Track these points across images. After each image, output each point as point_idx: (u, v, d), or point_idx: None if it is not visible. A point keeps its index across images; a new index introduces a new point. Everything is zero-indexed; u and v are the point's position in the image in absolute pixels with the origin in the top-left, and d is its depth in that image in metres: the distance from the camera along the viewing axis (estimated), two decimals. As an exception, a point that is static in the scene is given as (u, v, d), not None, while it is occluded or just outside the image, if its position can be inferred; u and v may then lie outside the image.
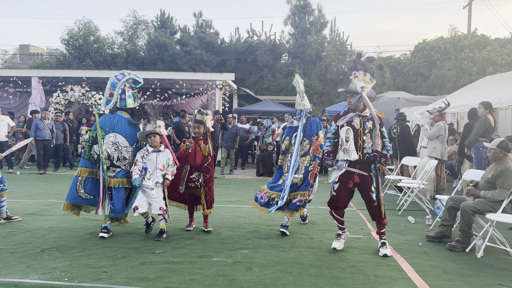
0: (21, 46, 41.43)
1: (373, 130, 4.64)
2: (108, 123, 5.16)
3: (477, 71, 22.07)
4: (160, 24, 27.65)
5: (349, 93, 4.71)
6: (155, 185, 5.02)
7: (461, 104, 11.24)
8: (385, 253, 4.61)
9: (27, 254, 4.45)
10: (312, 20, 27.50)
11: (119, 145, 5.10)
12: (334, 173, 4.74)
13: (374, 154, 4.62)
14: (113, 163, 5.10)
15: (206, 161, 5.47)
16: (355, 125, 4.65)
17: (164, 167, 5.11)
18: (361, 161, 4.62)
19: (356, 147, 4.61)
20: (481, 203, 4.87)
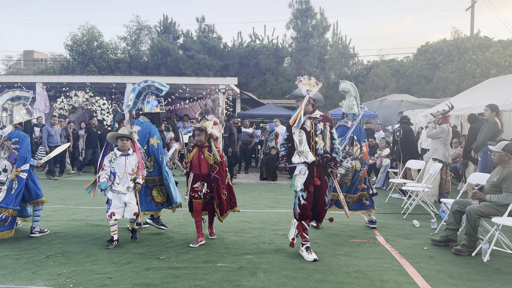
0: (25, 52, 41.68)
1: (324, 131, 4.76)
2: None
3: (480, 73, 22.00)
4: (163, 29, 27.76)
5: (296, 98, 4.86)
6: (127, 190, 5.02)
7: (465, 106, 11.20)
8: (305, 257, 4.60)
9: (32, 260, 4.46)
10: (314, 23, 27.53)
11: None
12: (297, 179, 4.62)
13: (326, 155, 4.72)
14: None
15: (213, 170, 5.13)
16: (306, 127, 4.73)
17: (133, 171, 5.11)
18: (318, 163, 4.68)
19: (310, 148, 4.67)
20: (486, 207, 4.85)
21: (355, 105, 6.05)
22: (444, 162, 8.18)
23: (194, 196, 5.17)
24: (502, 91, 11.00)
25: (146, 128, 5.53)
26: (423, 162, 8.28)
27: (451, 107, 8.55)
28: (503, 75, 18.34)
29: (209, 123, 5.16)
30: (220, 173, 5.19)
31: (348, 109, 6.07)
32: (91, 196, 5.38)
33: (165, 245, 5.11)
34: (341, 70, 26.83)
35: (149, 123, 5.61)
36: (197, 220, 5.20)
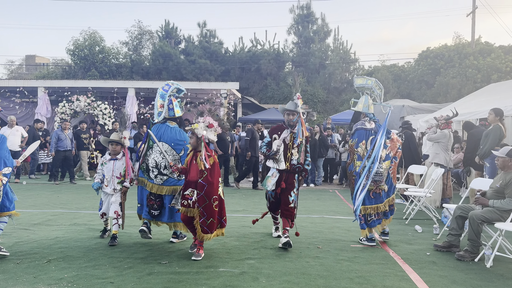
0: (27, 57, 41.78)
1: (300, 145, 5.41)
2: (156, 133, 5.29)
3: (481, 79, 22.01)
4: (165, 34, 27.84)
5: (291, 111, 5.41)
6: (113, 191, 5.38)
7: (466, 112, 11.19)
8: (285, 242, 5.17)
9: (33, 264, 4.45)
10: (315, 29, 27.60)
11: (166, 154, 5.16)
12: (269, 180, 5.38)
13: (299, 166, 5.42)
14: (161, 172, 5.21)
15: (201, 176, 4.66)
16: (286, 140, 5.40)
17: (120, 174, 5.39)
18: (288, 170, 5.38)
19: (285, 158, 5.36)
20: (489, 212, 4.83)
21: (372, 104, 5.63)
22: (445, 167, 8.17)
23: (184, 204, 4.70)
24: (504, 96, 10.99)
25: (181, 134, 5.35)
26: (425, 167, 8.27)
27: (455, 114, 8.54)
28: (505, 80, 18.34)
29: (197, 125, 4.76)
30: (208, 179, 4.63)
31: (368, 108, 5.59)
32: (93, 200, 5.41)
33: (166, 249, 5.10)
34: (342, 76, 26.86)
35: (179, 128, 5.46)
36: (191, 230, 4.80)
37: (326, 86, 26.05)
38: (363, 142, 5.47)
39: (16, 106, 16.45)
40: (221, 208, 4.83)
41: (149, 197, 5.24)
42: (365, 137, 5.49)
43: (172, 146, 5.24)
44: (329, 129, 12.91)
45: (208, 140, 4.81)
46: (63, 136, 11.70)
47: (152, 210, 5.22)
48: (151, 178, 5.23)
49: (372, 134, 5.50)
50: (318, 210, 7.92)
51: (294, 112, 5.40)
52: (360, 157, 5.46)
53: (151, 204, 5.23)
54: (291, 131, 5.40)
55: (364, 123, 5.61)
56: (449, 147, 8.48)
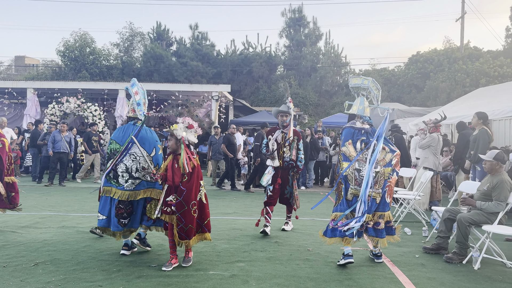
0: (16, 58, 41.33)
1: (292, 143, 6.11)
2: (122, 135, 4.95)
3: (470, 83, 22.30)
4: (156, 36, 27.75)
5: (284, 113, 6.16)
6: None
7: (455, 115, 11.33)
8: (285, 228, 6.37)
9: (20, 268, 4.39)
10: (307, 32, 27.74)
11: (137, 155, 4.82)
12: (265, 177, 6.13)
13: (291, 162, 6.15)
14: (132, 175, 4.81)
15: (181, 181, 4.44)
16: (278, 139, 6.17)
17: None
18: (281, 167, 6.16)
19: (278, 156, 6.12)
20: (477, 215, 4.88)
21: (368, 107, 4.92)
22: (434, 170, 8.25)
23: (166, 211, 4.44)
24: (492, 101, 11.15)
25: (152, 133, 5.08)
26: (414, 170, 8.34)
27: (444, 117, 8.64)
28: (493, 84, 18.60)
29: (176, 126, 4.52)
30: (187, 184, 4.41)
31: (363, 111, 4.86)
32: (82, 203, 5.34)
33: (156, 252, 5.07)
34: (333, 79, 27.00)
35: (149, 128, 5.17)
36: (170, 239, 4.54)
37: (318, 89, 26.17)
38: (349, 142, 4.73)
39: (5, 108, 16.27)
40: (202, 212, 4.58)
41: (117, 206, 4.76)
42: (352, 136, 4.75)
43: (144, 147, 4.86)
44: (320, 132, 12.96)
45: (188, 141, 4.56)
46: (59, 137, 11.60)
47: (122, 219, 4.77)
48: (121, 184, 4.78)
49: (362, 135, 4.74)
50: (309, 213, 7.93)
51: (287, 114, 6.14)
52: (346, 157, 4.69)
53: (120, 213, 4.76)
54: (282, 131, 6.17)
55: (354, 122, 4.89)
56: (438, 151, 8.56)
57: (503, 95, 11.61)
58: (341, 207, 4.63)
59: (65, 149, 11.65)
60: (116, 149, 4.91)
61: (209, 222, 4.68)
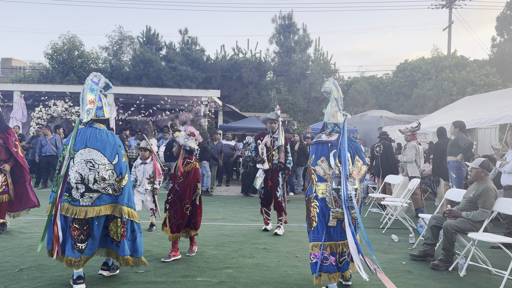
0: (3, 60, 40.76)
1: (280, 147, 6.52)
2: (77, 138, 4.02)
3: (457, 91, 22.65)
4: (146, 40, 27.66)
5: (272, 120, 6.57)
6: (145, 191, 6.39)
7: (442, 123, 11.46)
8: (277, 232, 6.57)
9: (4, 273, 4.31)
10: (297, 39, 27.92)
11: (95, 163, 3.93)
12: (258, 180, 6.54)
13: (279, 164, 6.55)
14: (89, 187, 3.90)
15: (176, 182, 4.95)
16: (267, 143, 6.59)
17: (150, 176, 6.41)
18: (271, 169, 6.55)
19: (267, 159, 6.54)
20: (463, 222, 4.95)
21: (337, 112, 4.20)
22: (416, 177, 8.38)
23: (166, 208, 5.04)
24: (478, 109, 11.34)
25: (114, 138, 4.18)
26: (401, 177, 8.42)
27: (419, 125, 8.84)
28: (479, 93, 18.92)
29: (178, 134, 5.06)
30: (181, 184, 4.87)
31: (329, 117, 4.24)
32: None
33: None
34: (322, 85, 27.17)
35: (110, 131, 4.24)
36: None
37: (307, 96, 26.31)
38: (322, 159, 4.06)
39: (-10, 110, 16.02)
40: (194, 213, 5.08)
41: (72, 226, 3.87)
42: (323, 152, 4.10)
43: (104, 153, 3.99)
44: (309, 138, 13.02)
45: (189, 147, 5.09)
46: (44, 141, 11.65)
47: (79, 243, 3.87)
48: (76, 199, 3.88)
49: (333, 148, 4.06)
50: (297, 219, 7.94)
51: (275, 121, 6.59)
52: (321, 178, 4.00)
53: (76, 235, 3.86)
54: (271, 136, 6.61)
55: (320, 136, 4.29)
56: (418, 158, 8.72)
57: (489, 104, 11.82)
58: (317, 236, 3.92)
59: (52, 152, 11.63)
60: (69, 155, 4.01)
61: (198, 222, 5.18)
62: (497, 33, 28.02)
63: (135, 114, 16.55)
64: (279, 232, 6.56)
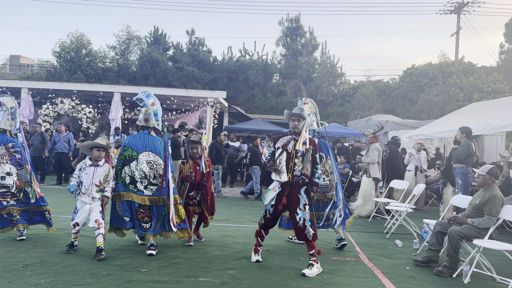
0: (11, 57, 41.09)
1: (305, 154, 4.83)
2: (139, 143, 5.21)
3: (464, 98, 22.54)
4: (153, 40, 27.79)
5: (296, 116, 4.90)
6: (92, 200, 4.97)
7: (449, 129, 11.42)
8: (305, 273, 4.60)
9: (9, 269, 4.34)
10: (303, 42, 27.95)
11: (154, 163, 5.16)
12: (269, 194, 4.94)
13: (302, 177, 4.80)
14: (151, 182, 5.15)
15: (203, 178, 5.82)
16: (289, 148, 4.87)
17: (100, 182, 5.01)
18: (290, 183, 4.82)
19: (287, 169, 4.82)
20: (468, 229, 4.91)
21: (314, 121, 5.98)
22: (377, 178, 8.83)
23: (190, 203, 5.79)
24: (485, 116, 11.26)
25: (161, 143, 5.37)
26: (406, 182, 8.39)
27: (381, 128, 9.17)
28: (486, 100, 18.82)
29: (206, 137, 5.57)
30: (208, 181, 5.87)
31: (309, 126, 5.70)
32: (73, 205, 5.29)
33: (146, 257, 5.03)
34: (328, 89, 27.16)
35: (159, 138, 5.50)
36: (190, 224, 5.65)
37: (313, 99, 26.25)
38: None
39: (-2, 106, 16.14)
40: (213, 201, 6.12)
41: (138, 210, 5.08)
42: None
43: (160, 155, 5.23)
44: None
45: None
46: (58, 138, 11.85)
47: (144, 224, 5.09)
48: (140, 189, 5.11)
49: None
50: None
51: (300, 118, 4.92)
52: None
53: (141, 217, 5.08)
54: (295, 138, 4.90)
55: None
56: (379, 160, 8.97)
57: (496, 111, 11.73)
58: None
59: (64, 149, 11.82)
60: (132, 156, 5.15)
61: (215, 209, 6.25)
62: (505, 39, 27.88)
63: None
64: (307, 273, 4.61)
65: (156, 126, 5.35)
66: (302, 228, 4.72)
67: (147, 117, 5.31)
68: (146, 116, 5.31)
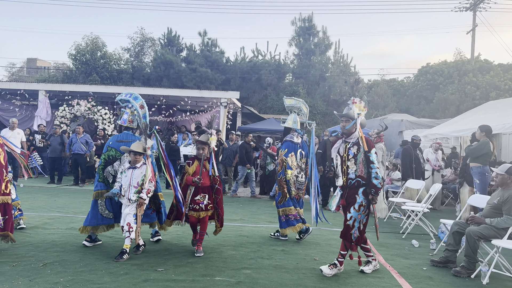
0: (28, 60, 41.88)
1: (357, 155, 4.67)
2: (120, 143, 5.34)
3: (480, 96, 22.19)
4: (167, 41, 27.96)
5: (345, 117, 4.79)
6: (128, 202, 5.00)
7: (465, 128, 11.26)
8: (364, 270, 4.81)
9: (29, 267, 4.43)
10: (316, 41, 27.81)
11: None
12: (334, 200, 4.90)
13: (358, 179, 4.65)
14: None
15: (215, 182, 5.36)
16: (340, 152, 4.81)
17: (138, 184, 5.01)
18: (346, 186, 4.74)
19: (341, 172, 4.78)
20: (486, 229, 4.84)
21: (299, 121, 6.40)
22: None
23: (195, 208, 5.20)
24: (502, 114, 11.07)
25: None
26: (423, 182, 8.30)
27: (385, 128, 9.01)
28: (503, 98, 18.49)
29: (214, 138, 5.34)
30: (220, 184, 5.42)
31: (296, 125, 6.32)
32: (90, 205, 5.39)
33: (163, 257, 5.08)
34: (341, 88, 27.00)
35: None
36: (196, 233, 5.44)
37: (326, 98, 26.16)
38: (292, 154, 6.16)
39: (16, 109, 16.44)
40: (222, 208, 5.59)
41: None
42: (293, 149, 6.20)
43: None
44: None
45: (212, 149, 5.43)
46: (75, 139, 12.06)
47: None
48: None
49: (299, 148, 6.25)
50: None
51: (348, 118, 4.76)
52: (289, 166, 6.12)
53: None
54: (345, 140, 4.80)
55: (292, 137, 6.27)
56: (384, 160, 8.92)
57: (514, 109, 11.53)
58: (288, 203, 6.12)
59: (80, 150, 12.00)
60: (115, 155, 5.31)
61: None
62: (523, 36, 27.33)
63: (155, 114, 16.76)
64: (366, 270, 4.79)
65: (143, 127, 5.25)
66: (351, 227, 4.65)
67: (132, 118, 5.45)
68: (132, 118, 5.45)
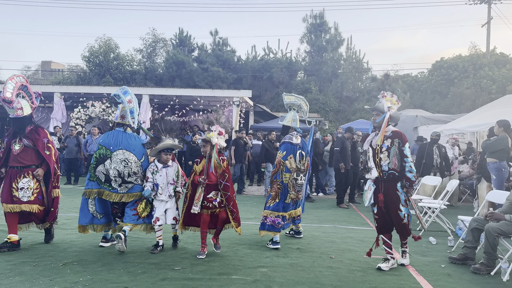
0: (43, 63, 42.50)
1: (391, 148, 4.74)
2: (112, 141, 5.24)
3: (496, 90, 21.78)
4: (179, 42, 28.10)
5: (375, 111, 4.87)
6: (168, 198, 5.35)
7: (481, 123, 11.07)
8: (403, 262, 4.98)
9: (49, 267, 4.51)
10: (328, 38, 27.62)
11: (129, 161, 5.18)
12: (366, 195, 4.98)
13: (392, 172, 4.74)
14: (125, 180, 5.19)
15: (223, 179, 5.16)
16: (373, 144, 4.89)
17: (174, 180, 5.39)
18: (382, 178, 4.81)
19: (375, 165, 4.85)
20: (506, 225, 4.76)
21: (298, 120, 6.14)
22: None
23: (209, 207, 5.12)
24: (520, 108, 10.85)
25: (140, 140, 5.46)
26: (439, 178, 8.20)
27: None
28: (520, 91, 18.13)
29: (213, 134, 5.16)
30: (229, 180, 5.23)
31: (296, 123, 6.06)
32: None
33: (179, 255, 5.12)
34: (354, 85, 26.78)
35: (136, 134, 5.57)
36: (203, 231, 5.19)
37: (338, 95, 26.00)
38: (290, 156, 5.77)
39: (32, 111, 16.73)
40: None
41: (113, 206, 5.35)
42: (292, 151, 5.80)
43: (134, 153, 5.26)
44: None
45: (219, 146, 5.20)
46: (91, 140, 12.38)
47: (117, 218, 5.37)
48: (114, 188, 5.17)
49: (298, 149, 5.86)
50: (330, 220, 7.88)
51: (378, 112, 4.85)
52: (288, 169, 5.73)
53: (115, 213, 5.38)
54: (376, 133, 4.89)
55: (291, 138, 5.88)
56: None
57: (532, 103, 11.30)
58: (276, 207, 5.70)
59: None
60: (106, 154, 5.21)
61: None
62: (540, 28, 26.73)
63: (169, 114, 16.88)
64: (405, 262, 4.99)
65: (131, 123, 5.36)
66: (407, 223, 4.82)
67: (123, 113, 5.38)
68: (123, 113, 5.38)
